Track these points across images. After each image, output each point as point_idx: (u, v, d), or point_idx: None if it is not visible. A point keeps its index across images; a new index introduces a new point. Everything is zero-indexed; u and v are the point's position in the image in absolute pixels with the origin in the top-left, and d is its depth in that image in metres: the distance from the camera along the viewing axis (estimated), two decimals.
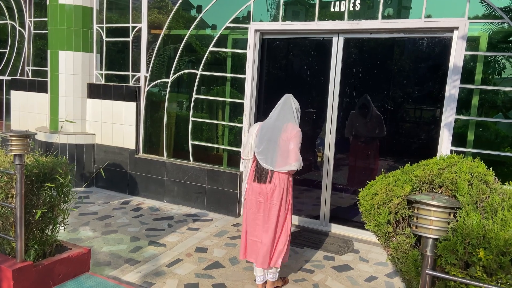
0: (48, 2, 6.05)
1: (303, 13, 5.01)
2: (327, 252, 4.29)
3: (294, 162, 3.15)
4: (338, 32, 4.68)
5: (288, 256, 3.40)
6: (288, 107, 3.33)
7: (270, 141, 3.20)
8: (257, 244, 3.28)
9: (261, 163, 3.21)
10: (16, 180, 2.90)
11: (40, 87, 6.76)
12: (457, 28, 4.08)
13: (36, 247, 3.14)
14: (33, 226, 3.13)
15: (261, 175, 3.23)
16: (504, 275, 1.88)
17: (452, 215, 2.09)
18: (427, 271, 2.03)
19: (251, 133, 3.37)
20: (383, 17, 4.38)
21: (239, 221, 5.09)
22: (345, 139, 4.90)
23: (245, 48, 5.14)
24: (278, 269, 3.34)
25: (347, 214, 4.99)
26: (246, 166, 3.43)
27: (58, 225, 3.30)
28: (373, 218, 2.38)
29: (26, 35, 6.98)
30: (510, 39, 4.15)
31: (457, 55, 4.09)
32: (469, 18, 4.03)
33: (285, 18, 4.95)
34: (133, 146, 5.98)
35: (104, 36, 6.15)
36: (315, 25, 4.69)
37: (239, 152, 5.29)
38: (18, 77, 7.12)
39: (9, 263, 2.97)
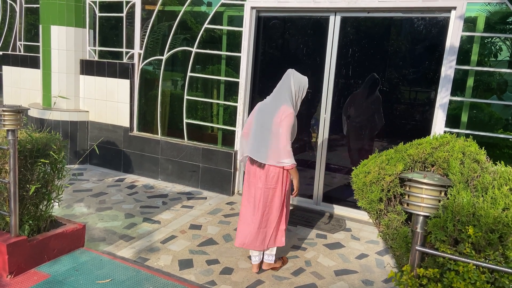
0: None
1: None
2: (320, 230, 4.35)
3: (285, 159, 3.05)
4: (335, 11, 4.62)
5: (284, 239, 3.40)
6: (286, 86, 3.18)
7: (263, 127, 3.13)
8: (251, 228, 3.24)
9: (253, 156, 3.16)
10: (9, 155, 2.89)
11: (32, 63, 6.66)
12: (454, 8, 4.05)
13: (31, 222, 3.16)
14: (27, 201, 3.14)
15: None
16: (492, 252, 1.92)
17: (443, 193, 2.12)
18: (417, 247, 2.07)
19: (252, 113, 3.32)
20: None
21: (233, 200, 5.13)
22: (340, 120, 4.90)
23: (241, 26, 5.07)
24: (274, 250, 3.39)
25: (340, 194, 5.04)
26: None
27: (52, 201, 3.31)
28: (365, 196, 2.41)
29: (17, 9, 6.83)
30: (507, 20, 4.12)
31: (454, 36, 4.07)
32: None
33: None
34: (127, 124, 5.95)
35: (97, 11, 6.03)
36: (312, 3, 4.63)
37: (234, 131, 5.29)
38: (10, 52, 7.00)
39: (3, 237, 2.99)
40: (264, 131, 3.13)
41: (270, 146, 3.10)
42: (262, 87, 5.26)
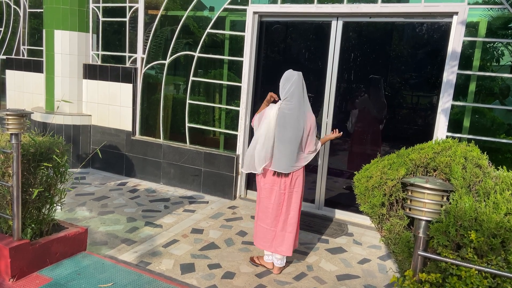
0: None
1: None
2: (322, 235, 4.35)
3: (317, 146, 3.38)
4: (337, 16, 4.64)
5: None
6: (305, 90, 3.26)
7: (293, 141, 3.20)
8: (269, 232, 3.36)
9: (282, 171, 3.23)
10: (12, 159, 2.91)
11: (35, 67, 6.69)
12: (456, 13, 4.07)
13: (33, 225, 3.16)
14: (30, 205, 3.15)
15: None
16: (495, 257, 1.92)
17: (445, 198, 2.12)
18: (419, 252, 2.07)
19: (269, 118, 3.22)
20: (383, 1, 4.35)
21: (235, 204, 5.13)
22: (342, 124, 4.90)
23: (243, 31, 5.10)
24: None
25: (342, 198, 5.03)
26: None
27: (55, 205, 3.31)
28: (368, 200, 2.41)
29: (21, 14, 6.88)
30: (509, 25, 4.13)
31: (456, 41, 4.08)
32: (469, 4, 4.01)
33: (284, 1, 4.90)
34: (129, 128, 5.96)
35: (100, 16, 6.07)
36: (314, 8, 4.65)
37: (236, 135, 5.30)
38: (13, 56, 7.04)
39: (6, 241, 3.00)
40: (294, 145, 3.21)
41: (299, 156, 3.28)
42: (264, 92, 5.27)
